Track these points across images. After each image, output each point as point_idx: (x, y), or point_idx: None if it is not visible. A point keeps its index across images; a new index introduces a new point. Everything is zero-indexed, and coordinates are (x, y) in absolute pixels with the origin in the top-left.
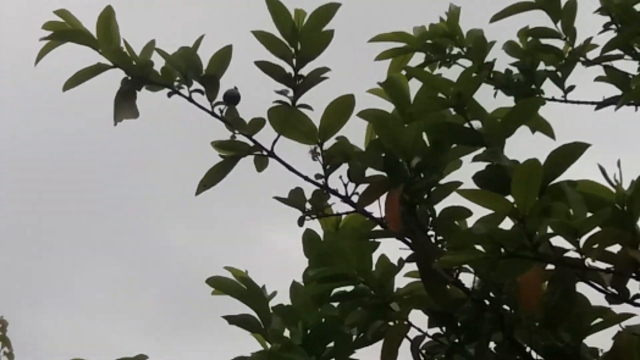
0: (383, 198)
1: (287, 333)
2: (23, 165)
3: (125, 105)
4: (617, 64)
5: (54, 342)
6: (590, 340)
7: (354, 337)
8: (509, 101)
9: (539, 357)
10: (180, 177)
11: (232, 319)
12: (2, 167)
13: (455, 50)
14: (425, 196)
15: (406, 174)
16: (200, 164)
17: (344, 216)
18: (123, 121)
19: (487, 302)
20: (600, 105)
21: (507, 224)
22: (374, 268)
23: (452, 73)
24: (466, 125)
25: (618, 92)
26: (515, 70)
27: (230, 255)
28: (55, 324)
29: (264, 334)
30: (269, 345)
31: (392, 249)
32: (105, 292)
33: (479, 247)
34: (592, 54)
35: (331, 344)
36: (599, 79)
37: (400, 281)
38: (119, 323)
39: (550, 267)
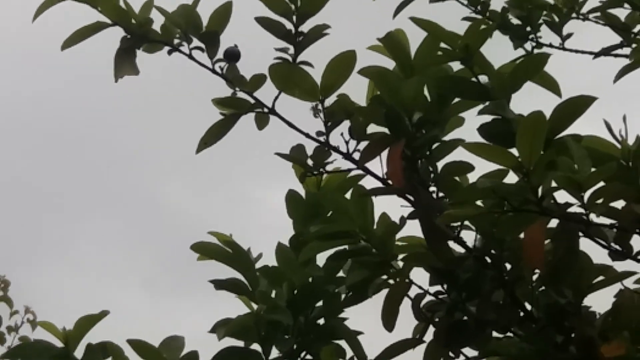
0: (384, 155)
1: (274, 295)
2: (24, 124)
3: (125, 62)
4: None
5: (53, 301)
6: (592, 298)
7: (343, 295)
8: (505, 48)
9: (540, 315)
10: (179, 135)
11: (219, 283)
12: (6, 127)
13: None
14: (427, 152)
15: (407, 129)
16: (200, 122)
17: (324, 176)
18: (124, 79)
19: (488, 259)
20: (598, 54)
21: (510, 180)
22: (375, 226)
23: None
24: (473, 79)
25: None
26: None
27: (227, 214)
28: (54, 283)
29: (251, 297)
30: (255, 307)
31: (393, 207)
32: (103, 250)
33: (482, 203)
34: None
35: (319, 304)
36: (598, 18)
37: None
38: (117, 281)
39: (552, 225)
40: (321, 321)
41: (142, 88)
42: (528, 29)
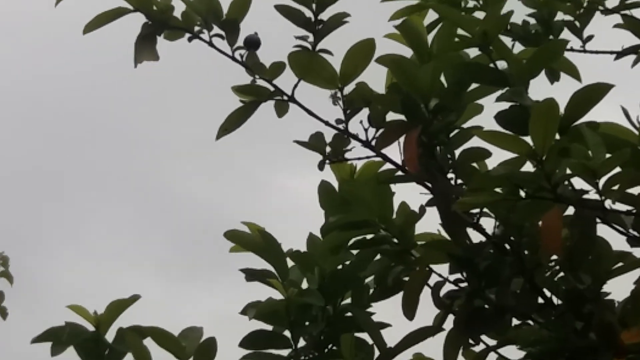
0: (402, 142)
1: (304, 285)
2: (38, 108)
3: (145, 48)
4: (636, 13)
5: (66, 287)
6: (611, 285)
7: (371, 289)
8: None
9: (560, 302)
10: (195, 122)
11: (250, 274)
12: (19, 110)
13: (471, 4)
14: (446, 140)
15: (424, 116)
16: (219, 109)
17: (359, 165)
18: (143, 64)
19: (507, 246)
20: (619, 54)
21: (528, 167)
22: (394, 215)
23: None
24: (491, 65)
25: (637, 41)
26: (532, 21)
27: (242, 200)
28: (68, 269)
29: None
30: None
31: (413, 197)
32: (117, 236)
33: (498, 190)
34: (611, 3)
35: (348, 294)
36: (617, 26)
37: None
38: (130, 266)
39: (570, 212)
40: (348, 313)
41: (159, 75)
42: (550, 37)
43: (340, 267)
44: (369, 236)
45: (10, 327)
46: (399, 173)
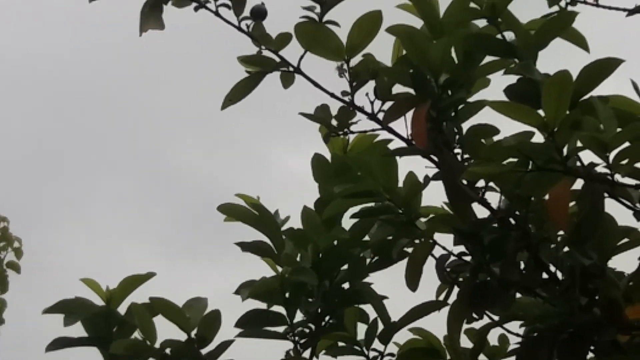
0: (409, 115)
1: (299, 258)
2: (41, 82)
3: (151, 17)
4: None
5: (70, 262)
6: (616, 260)
7: (368, 260)
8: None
9: (564, 277)
10: (198, 98)
11: (245, 246)
12: (20, 87)
13: None
14: (453, 114)
15: (433, 91)
16: (221, 84)
17: (351, 139)
18: (147, 35)
19: (512, 221)
20: (631, 12)
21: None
22: (400, 186)
23: None
24: (498, 36)
25: None
26: None
27: (243, 176)
28: (71, 244)
29: (276, 259)
30: (280, 270)
31: (419, 170)
32: (119, 213)
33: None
34: None
35: (344, 267)
36: None
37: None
38: (132, 242)
39: (577, 187)
40: (346, 285)
41: (161, 49)
42: None
43: (335, 243)
44: (373, 205)
45: (14, 303)
46: (399, 144)
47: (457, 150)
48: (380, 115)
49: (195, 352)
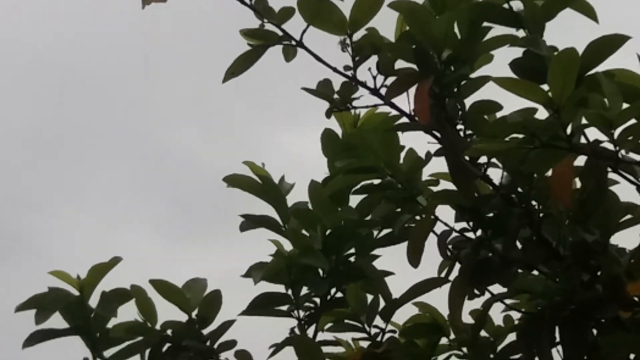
0: (412, 91)
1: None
2: (37, 67)
3: None
4: None
5: (66, 246)
6: (618, 237)
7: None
8: None
9: (567, 253)
10: (194, 80)
11: (250, 219)
12: (17, 71)
13: None
14: (455, 90)
15: (436, 67)
16: (218, 63)
17: (362, 114)
18: (147, 11)
19: (515, 197)
20: None
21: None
22: (401, 161)
23: None
24: (505, 6)
25: None
26: None
27: (243, 158)
28: (67, 228)
29: (282, 233)
30: (286, 248)
31: (419, 145)
32: (116, 196)
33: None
34: None
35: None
36: None
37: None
38: (131, 227)
39: (580, 164)
40: (352, 259)
41: (160, 27)
42: None
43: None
44: (375, 182)
45: (11, 286)
46: (404, 121)
47: (459, 127)
48: (383, 91)
49: (196, 333)
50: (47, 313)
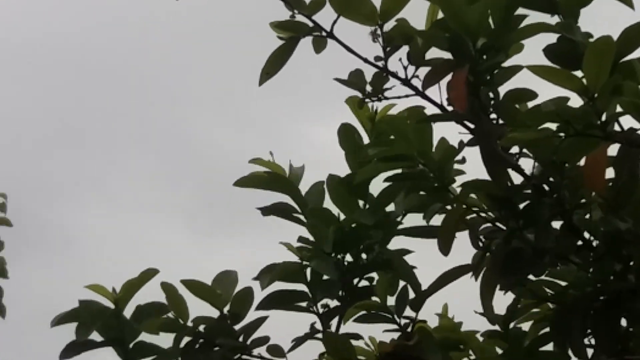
0: (442, 82)
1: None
2: (60, 60)
3: None
4: None
5: (94, 237)
6: None
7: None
8: None
9: (599, 243)
10: (218, 70)
11: (266, 209)
12: (41, 63)
13: None
14: (488, 78)
15: (471, 55)
16: (243, 57)
17: (380, 109)
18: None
19: (546, 187)
20: None
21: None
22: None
23: None
24: None
25: None
26: None
27: (268, 149)
28: (95, 220)
29: (300, 221)
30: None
31: (449, 134)
32: (142, 188)
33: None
34: None
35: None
36: None
37: None
38: (158, 219)
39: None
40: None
41: (186, 20)
42: None
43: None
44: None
45: (34, 277)
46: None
47: (492, 116)
48: (414, 81)
49: (228, 329)
50: (88, 328)
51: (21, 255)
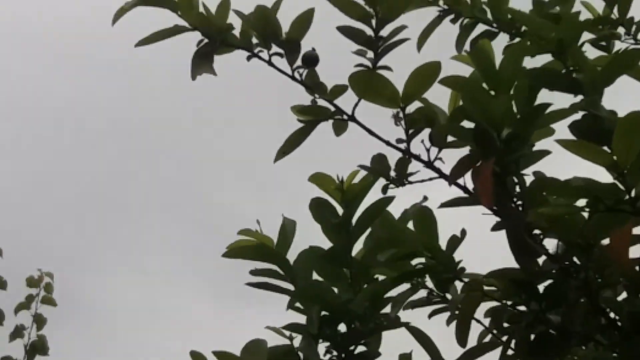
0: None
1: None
2: (89, 128)
3: (202, 63)
4: None
5: (122, 307)
6: None
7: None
8: None
9: (625, 323)
10: (243, 141)
11: (255, 273)
12: (69, 128)
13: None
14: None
15: (496, 145)
16: (268, 127)
17: (345, 178)
18: (200, 79)
19: (571, 268)
20: None
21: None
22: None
23: None
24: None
25: None
26: None
27: (293, 217)
28: (123, 289)
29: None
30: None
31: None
32: (171, 257)
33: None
34: None
35: None
36: None
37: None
38: (187, 289)
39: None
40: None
41: (213, 95)
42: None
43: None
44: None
45: (64, 345)
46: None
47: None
48: (436, 163)
49: None
50: None
51: (51, 327)
